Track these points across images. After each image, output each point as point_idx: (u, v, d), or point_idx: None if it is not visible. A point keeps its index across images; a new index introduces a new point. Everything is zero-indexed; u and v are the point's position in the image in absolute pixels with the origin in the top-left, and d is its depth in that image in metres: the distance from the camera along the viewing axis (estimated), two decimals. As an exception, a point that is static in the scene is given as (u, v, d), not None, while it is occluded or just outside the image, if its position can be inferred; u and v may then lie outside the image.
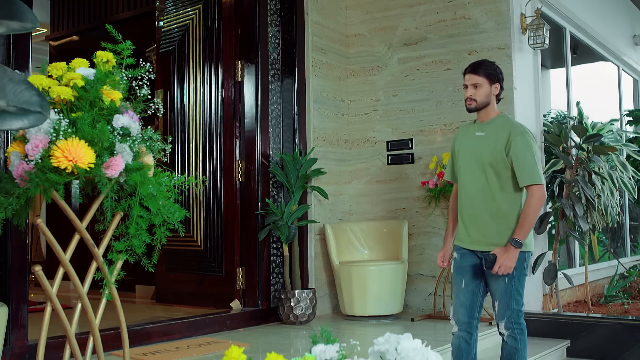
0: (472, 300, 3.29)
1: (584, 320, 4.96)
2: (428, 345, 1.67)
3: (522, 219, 3.18)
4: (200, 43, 5.50)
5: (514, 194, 3.23)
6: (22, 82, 1.41)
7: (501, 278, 3.20)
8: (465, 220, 3.33)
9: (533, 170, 3.18)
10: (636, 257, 8.35)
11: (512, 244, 3.15)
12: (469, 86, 3.28)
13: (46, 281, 2.25)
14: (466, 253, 3.32)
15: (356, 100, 5.95)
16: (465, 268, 3.30)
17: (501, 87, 3.34)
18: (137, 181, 2.25)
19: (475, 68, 3.30)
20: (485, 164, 3.23)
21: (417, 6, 5.68)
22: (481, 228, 3.25)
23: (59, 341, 3.20)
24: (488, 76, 3.28)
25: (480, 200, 3.25)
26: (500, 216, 3.22)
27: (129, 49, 2.41)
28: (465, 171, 3.32)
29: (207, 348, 4.04)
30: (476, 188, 3.26)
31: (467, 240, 3.31)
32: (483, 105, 3.28)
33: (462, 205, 3.35)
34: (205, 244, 5.35)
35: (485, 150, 3.25)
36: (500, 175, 3.22)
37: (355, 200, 5.89)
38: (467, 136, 3.38)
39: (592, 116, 6.50)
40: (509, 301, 3.21)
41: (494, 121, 3.32)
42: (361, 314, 5.09)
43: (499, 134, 3.25)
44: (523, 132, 3.26)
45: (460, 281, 3.31)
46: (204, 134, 5.40)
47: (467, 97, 3.29)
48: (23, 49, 3.58)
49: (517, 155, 3.19)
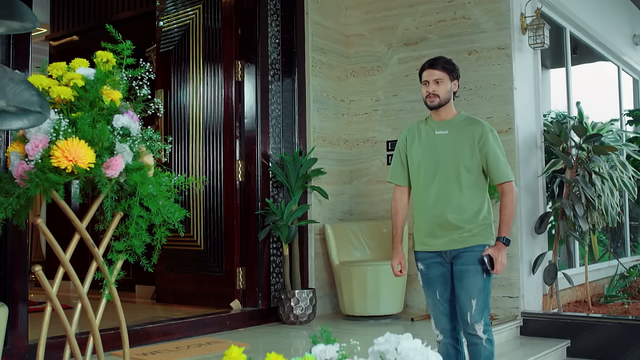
0: (452, 307, 3.20)
1: (584, 320, 4.96)
2: (428, 345, 1.67)
3: (504, 215, 3.13)
4: (200, 43, 5.50)
5: (482, 191, 3.20)
6: (22, 82, 1.41)
7: (479, 275, 3.12)
8: (429, 222, 3.19)
9: (507, 167, 3.16)
10: (636, 257, 8.34)
11: (503, 243, 3.11)
12: (430, 82, 3.17)
13: (46, 281, 2.25)
14: (432, 263, 3.21)
15: (356, 100, 5.95)
16: (436, 279, 3.20)
17: (458, 84, 3.26)
18: (137, 181, 2.25)
19: (435, 63, 3.20)
20: (458, 163, 3.15)
21: (417, 6, 5.68)
22: (450, 228, 3.14)
23: (59, 341, 3.20)
24: (448, 72, 3.19)
25: (448, 199, 3.15)
26: (470, 213, 3.14)
27: (129, 49, 2.41)
28: (430, 172, 3.19)
29: (207, 348, 4.04)
30: (444, 188, 3.15)
31: (434, 242, 3.19)
32: (445, 102, 3.18)
33: (424, 208, 3.21)
34: (205, 244, 5.35)
35: (455, 148, 3.16)
36: (471, 173, 3.15)
37: (355, 200, 5.89)
38: (425, 136, 3.25)
39: (592, 116, 6.50)
40: (486, 300, 3.14)
41: (456, 119, 3.23)
42: (361, 314, 5.09)
43: (466, 131, 3.18)
44: (491, 129, 3.21)
45: (434, 292, 3.22)
46: (204, 134, 5.40)
47: (429, 93, 3.17)
48: (23, 49, 3.59)
49: (492, 154, 3.14)
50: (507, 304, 5.09)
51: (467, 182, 3.15)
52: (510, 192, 3.15)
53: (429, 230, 3.20)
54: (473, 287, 3.11)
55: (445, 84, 3.17)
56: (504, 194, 3.16)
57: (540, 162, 5.65)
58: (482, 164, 3.17)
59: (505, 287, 5.10)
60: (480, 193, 3.19)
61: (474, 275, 3.11)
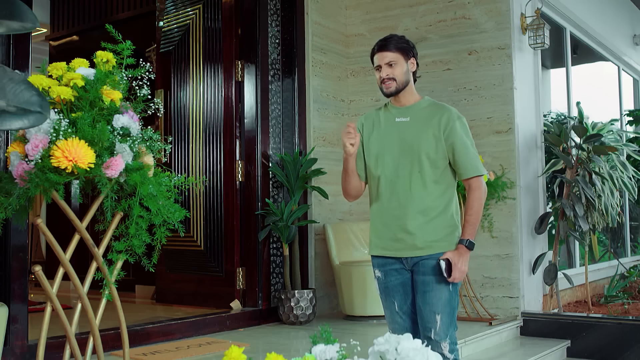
0: (413, 322, 2.83)
1: (584, 321, 4.96)
2: (428, 346, 1.67)
3: (470, 215, 2.75)
4: (200, 43, 5.50)
5: (448, 187, 2.81)
6: (22, 82, 1.41)
7: (444, 286, 2.72)
8: (388, 223, 2.80)
9: (476, 160, 2.78)
10: (636, 257, 8.35)
11: (466, 246, 2.72)
12: (383, 66, 2.79)
13: (46, 281, 2.25)
14: (390, 270, 2.81)
15: (356, 100, 5.95)
16: (394, 288, 2.82)
17: (417, 63, 2.87)
18: (137, 181, 2.25)
19: (385, 44, 2.81)
20: (420, 154, 2.75)
21: (417, 6, 5.68)
22: (412, 230, 2.75)
23: (59, 341, 3.20)
24: (401, 50, 2.80)
25: (411, 197, 2.75)
26: (434, 214, 2.76)
27: (129, 49, 2.41)
28: (389, 166, 2.80)
29: (207, 348, 4.04)
30: (405, 183, 2.77)
31: (394, 246, 2.79)
32: (403, 85, 2.81)
33: (383, 208, 2.83)
34: (205, 244, 5.35)
35: (417, 137, 2.77)
36: (436, 166, 2.76)
37: (356, 200, 5.88)
38: (384, 123, 2.87)
39: (592, 116, 6.50)
40: (452, 314, 2.75)
41: (419, 104, 2.86)
42: (361, 314, 5.09)
43: (430, 118, 2.79)
44: (459, 116, 2.81)
45: (392, 303, 2.82)
46: (204, 134, 5.40)
47: (384, 78, 2.79)
48: (23, 49, 3.59)
49: (459, 143, 2.75)
50: (507, 304, 5.09)
51: (432, 177, 2.76)
52: (478, 188, 2.76)
53: (388, 233, 2.81)
54: (437, 300, 2.72)
55: (400, 65, 2.80)
56: (470, 190, 2.77)
57: (541, 162, 5.65)
58: (448, 156, 2.78)
59: (505, 287, 5.10)
60: (447, 190, 2.80)
61: (438, 287, 2.72)
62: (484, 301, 5.13)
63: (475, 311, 5.03)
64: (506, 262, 5.11)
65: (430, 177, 2.76)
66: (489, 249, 5.16)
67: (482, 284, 5.16)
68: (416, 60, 2.87)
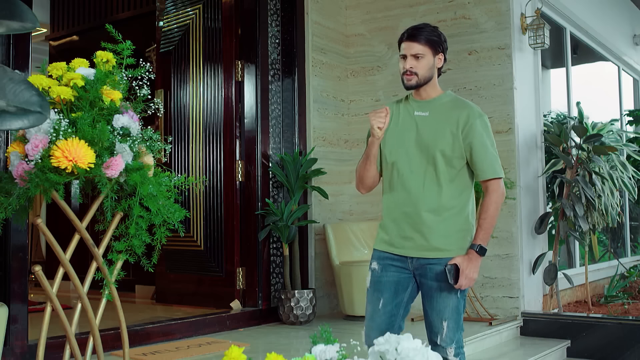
0: (390, 323, 2.69)
1: (584, 321, 4.96)
2: (428, 346, 1.67)
3: (484, 220, 2.61)
4: (200, 43, 5.50)
5: (465, 188, 2.68)
6: (22, 82, 1.41)
7: (453, 293, 2.62)
8: (398, 220, 2.69)
9: (496, 161, 2.66)
10: (636, 257, 8.35)
11: (476, 252, 2.59)
12: (409, 57, 2.65)
13: (46, 281, 2.25)
14: (389, 265, 2.69)
15: (356, 100, 5.95)
16: (387, 284, 2.69)
17: (445, 58, 2.73)
18: (137, 181, 2.25)
19: (415, 34, 2.65)
20: (435, 151, 2.62)
21: (417, 6, 5.68)
22: (423, 230, 2.63)
23: (59, 341, 3.20)
24: (430, 44, 2.65)
25: (423, 194, 2.63)
26: (448, 215, 2.64)
27: (129, 49, 2.41)
28: (404, 161, 2.68)
29: (207, 348, 4.04)
30: (418, 180, 2.65)
31: (401, 244, 2.68)
32: (425, 80, 2.68)
33: (395, 204, 2.71)
34: (205, 244, 5.35)
35: (433, 134, 2.64)
36: (452, 166, 2.64)
37: (355, 200, 5.89)
38: (403, 116, 2.74)
39: (592, 116, 6.50)
40: (458, 319, 2.66)
41: (440, 99, 2.73)
42: (361, 314, 5.06)
43: (449, 114, 2.66)
44: (481, 114, 2.67)
45: (378, 300, 2.69)
46: (204, 134, 5.40)
47: (407, 70, 2.66)
48: (23, 49, 3.58)
49: (478, 143, 2.62)
50: (507, 304, 5.09)
51: (447, 176, 2.63)
52: (495, 191, 2.63)
53: (398, 230, 2.69)
54: (445, 307, 2.64)
55: (426, 59, 2.66)
56: (487, 193, 2.64)
57: (541, 162, 5.65)
58: (465, 156, 2.65)
59: (505, 287, 5.10)
60: (465, 191, 2.68)
61: (446, 294, 2.63)
62: (484, 301, 5.13)
63: (475, 311, 5.03)
64: (506, 262, 5.11)
65: (444, 175, 2.64)
66: (489, 249, 5.13)
67: (482, 284, 5.16)
68: (444, 56, 2.73)
